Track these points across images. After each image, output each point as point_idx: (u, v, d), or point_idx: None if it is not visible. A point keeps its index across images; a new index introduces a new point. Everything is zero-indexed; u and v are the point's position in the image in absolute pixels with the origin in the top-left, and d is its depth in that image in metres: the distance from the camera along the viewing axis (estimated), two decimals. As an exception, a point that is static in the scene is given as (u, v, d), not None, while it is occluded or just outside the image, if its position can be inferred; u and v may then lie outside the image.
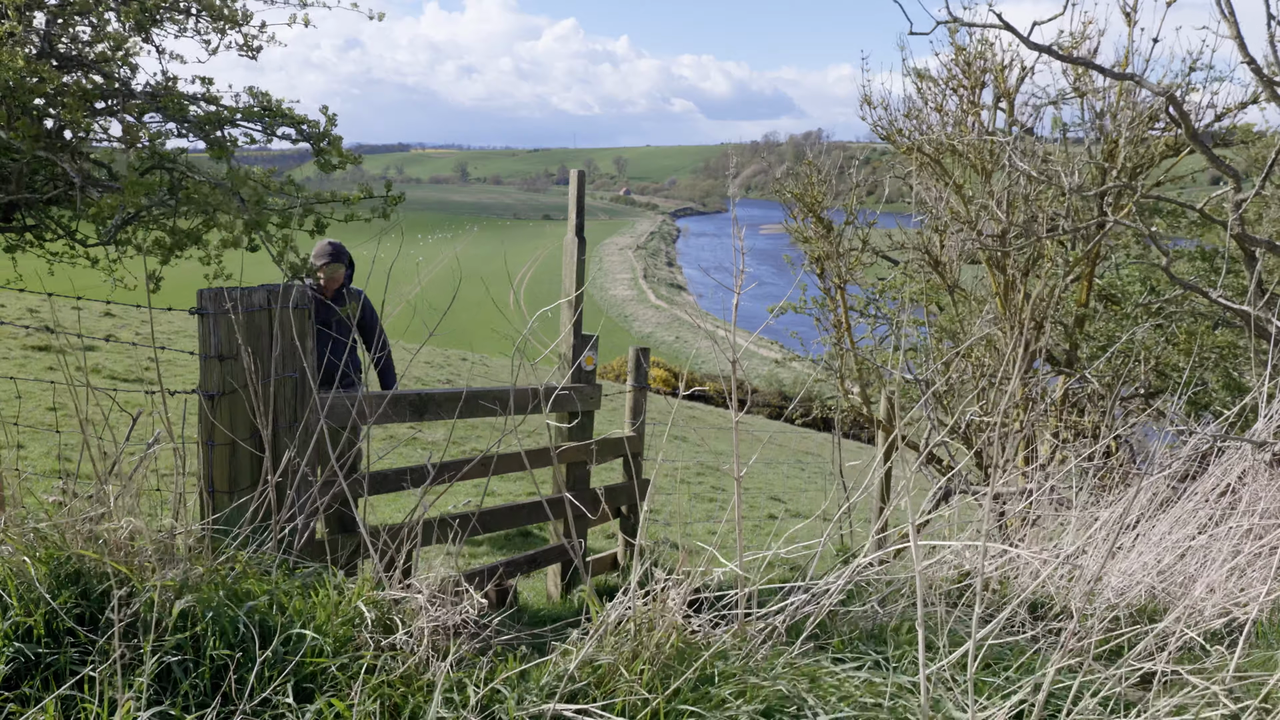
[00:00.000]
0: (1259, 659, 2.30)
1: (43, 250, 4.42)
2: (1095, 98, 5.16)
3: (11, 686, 1.65)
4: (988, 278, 5.49)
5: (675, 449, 11.50)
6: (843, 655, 2.04)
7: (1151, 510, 3.21)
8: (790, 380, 27.25)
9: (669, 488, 8.48)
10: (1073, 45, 5.10)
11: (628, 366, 4.75)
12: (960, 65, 5.38)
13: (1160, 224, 6.03)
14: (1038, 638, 2.24)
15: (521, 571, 3.96)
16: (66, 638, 1.74)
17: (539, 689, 1.73)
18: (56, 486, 2.21)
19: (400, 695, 1.69)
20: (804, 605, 2.08)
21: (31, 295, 12.41)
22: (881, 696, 1.82)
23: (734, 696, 1.75)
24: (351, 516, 2.90)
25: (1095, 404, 5.10)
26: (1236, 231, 3.66)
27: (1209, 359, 5.34)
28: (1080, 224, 4.77)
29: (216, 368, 2.45)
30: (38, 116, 3.21)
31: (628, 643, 1.84)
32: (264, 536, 2.20)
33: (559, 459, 3.95)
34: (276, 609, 1.87)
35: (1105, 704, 1.90)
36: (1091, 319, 5.60)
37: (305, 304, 2.62)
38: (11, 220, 3.99)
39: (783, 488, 9.86)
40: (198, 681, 1.69)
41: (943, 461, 5.89)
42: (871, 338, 6.73)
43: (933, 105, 5.56)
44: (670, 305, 57.48)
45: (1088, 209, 4.90)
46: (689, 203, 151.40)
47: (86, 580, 1.84)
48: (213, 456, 2.49)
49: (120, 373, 8.57)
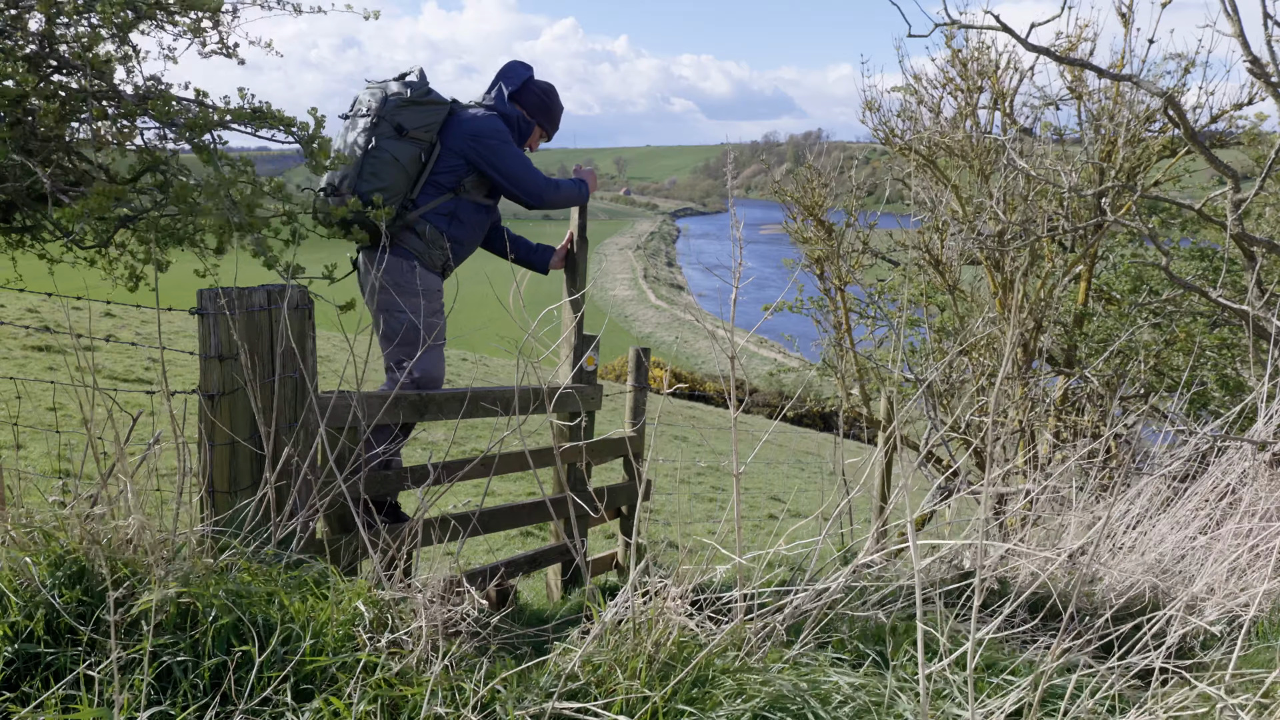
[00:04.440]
0: (1259, 657, 2.30)
1: (43, 250, 4.43)
2: (1090, 99, 5.18)
3: (12, 686, 1.65)
4: (987, 278, 5.49)
5: (675, 449, 11.51)
6: (843, 654, 2.05)
7: (1153, 510, 3.22)
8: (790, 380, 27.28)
9: (669, 488, 8.49)
10: (1069, 48, 5.11)
11: (628, 366, 4.75)
12: (956, 68, 5.39)
13: (1155, 221, 6.03)
14: (1038, 636, 2.25)
15: (521, 571, 3.96)
16: (67, 637, 1.74)
17: (539, 688, 1.73)
18: (57, 486, 2.21)
19: (399, 694, 1.69)
20: (804, 604, 2.08)
21: (31, 295, 12.43)
22: (881, 695, 1.83)
23: (733, 696, 1.76)
24: (352, 517, 2.91)
25: (1095, 404, 5.11)
26: (1236, 231, 3.66)
27: (1209, 359, 5.35)
28: (1078, 224, 4.78)
29: (216, 368, 2.46)
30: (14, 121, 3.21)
31: (627, 642, 1.85)
32: (264, 536, 2.21)
33: (560, 459, 3.95)
34: (277, 608, 1.87)
35: (1104, 701, 1.91)
36: (1090, 319, 5.61)
37: (305, 304, 2.63)
38: (11, 220, 3.99)
39: (783, 487, 9.87)
40: (197, 681, 1.70)
41: (942, 461, 5.90)
42: (871, 339, 6.74)
43: (929, 107, 5.57)
44: (670, 305, 57.52)
45: (1085, 209, 4.91)
46: (689, 203, 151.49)
47: (88, 579, 1.84)
48: (213, 456, 2.49)
49: (120, 373, 8.58)
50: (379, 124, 3.54)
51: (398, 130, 3.55)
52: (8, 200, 3.50)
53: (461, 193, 3.71)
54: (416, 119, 3.60)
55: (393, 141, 3.54)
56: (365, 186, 3.50)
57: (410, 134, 3.57)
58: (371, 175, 3.51)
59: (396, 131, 3.55)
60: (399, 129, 3.55)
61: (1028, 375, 5.08)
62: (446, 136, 3.67)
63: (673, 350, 42.80)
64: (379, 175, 3.52)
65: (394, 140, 3.54)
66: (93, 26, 3.35)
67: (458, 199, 3.71)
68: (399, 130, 3.55)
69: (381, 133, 3.53)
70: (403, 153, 3.56)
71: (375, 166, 3.52)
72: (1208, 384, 5.29)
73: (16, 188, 3.27)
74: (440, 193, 3.67)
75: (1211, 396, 5.33)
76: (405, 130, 3.56)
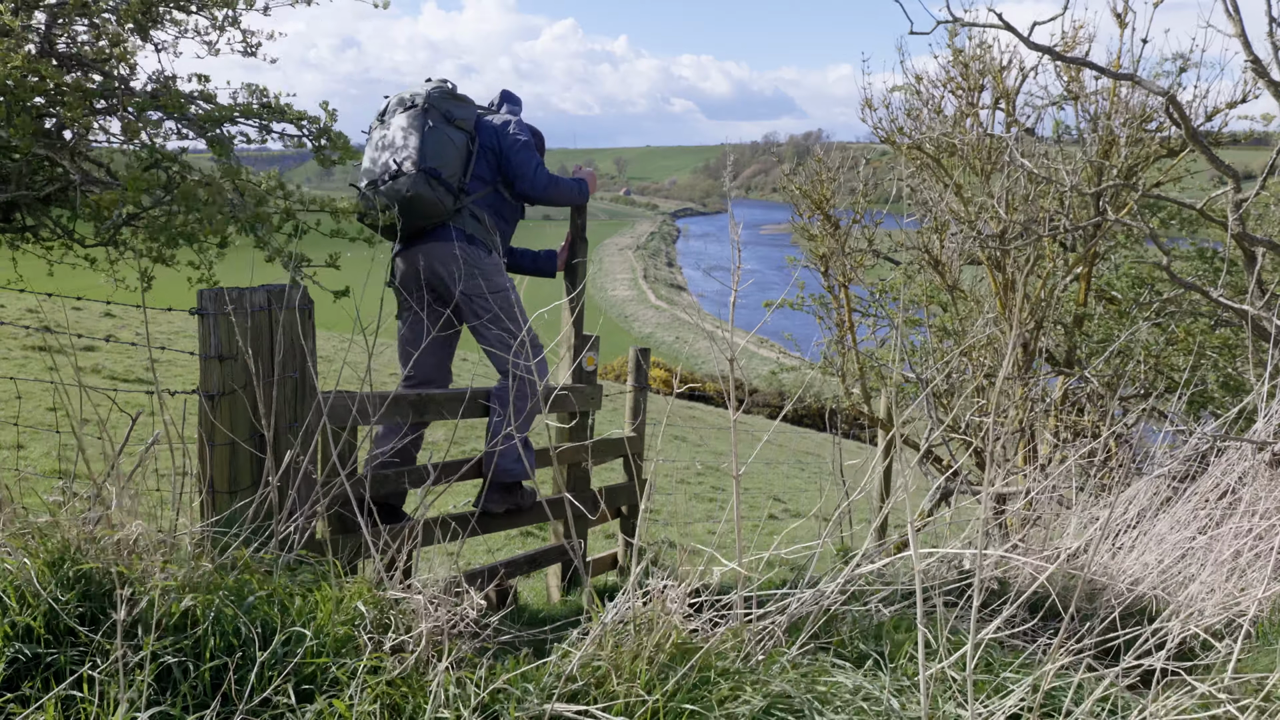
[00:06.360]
0: (1259, 659, 2.30)
1: (42, 250, 4.43)
2: (1088, 100, 5.18)
3: (12, 687, 1.65)
4: (987, 278, 5.49)
5: (675, 449, 11.51)
6: (842, 655, 2.04)
7: (1153, 510, 3.22)
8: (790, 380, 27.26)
9: (669, 488, 8.48)
10: (1067, 48, 5.11)
11: (628, 367, 4.75)
12: (959, 67, 5.38)
13: (1155, 222, 6.03)
14: (1037, 637, 2.25)
15: (521, 572, 3.96)
16: (67, 637, 1.74)
17: (539, 689, 1.73)
18: (57, 486, 2.21)
19: (400, 695, 1.69)
20: (803, 605, 2.08)
21: (31, 295, 12.42)
22: (880, 696, 1.82)
23: (733, 697, 1.76)
24: (352, 517, 2.90)
25: (1094, 404, 5.10)
26: (1236, 231, 3.66)
27: (1208, 359, 5.34)
28: (1079, 223, 4.78)
29: (216, 368, 2.46)
30: (37, 115, 3.21)
31: (627, 644, 1.85)
32: (265, 536, 2.20)
33: (559, 459, 3.95)
34: (277, 609, 1.87)
35: (1104, 703, 1.90)
36: (1090, 319, 5.61)
37: (305, 304, 2.63)
38: (11, 220, 4.00)
39: (783, 488, 9.86)
40: (197, 681, 1.70)
41: (942, 461, 5.90)
42: (873, 338, 6.73)
43: (931, 107, 5.56)
44: (670, 305, 57.49)
45: (1085, 208, 4.91)
46: (689, 203, 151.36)
47: (88, 580, 1.84)
48: (213, 456, 2.49)
49: (120, 373, 8.58)
50: (430, 110, 3.59)
51: (446, 117, 3.61)
52: (9, 200, 3.51)
53: (499, 186, 3.79)
54: (460, 110, 3.67)
55: (446, 126, 3.59)
56: (430, 163, 3.52)
57: (457, 122, 3.63)
58: (435, 154, 3.54)
59: (445, 119, 3.60)
60: (448, 116, 3.61)
61: (1028, 375, 5.08)
62: (479, 134, 3.75)
63: (673, 350, 42.78)
64: (441, 155, 3.55)
65: (447, 125, 3.60)
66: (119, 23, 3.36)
67: (496, 192, 3.79)
68: (448, 117, 3.61)
69: (433, 117, 3.58)
70: (456, 137, 3.62)
71: (436, 146, 3.55)
72: (1208, 384, 5.29)
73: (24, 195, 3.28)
74: (482, 185, 3.74)
75: (1211, 397, 5.32)
76: (454, 118, 3.62)
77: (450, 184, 3.56)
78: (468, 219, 3.65)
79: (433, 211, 3.55)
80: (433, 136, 3.54)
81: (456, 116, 3.63)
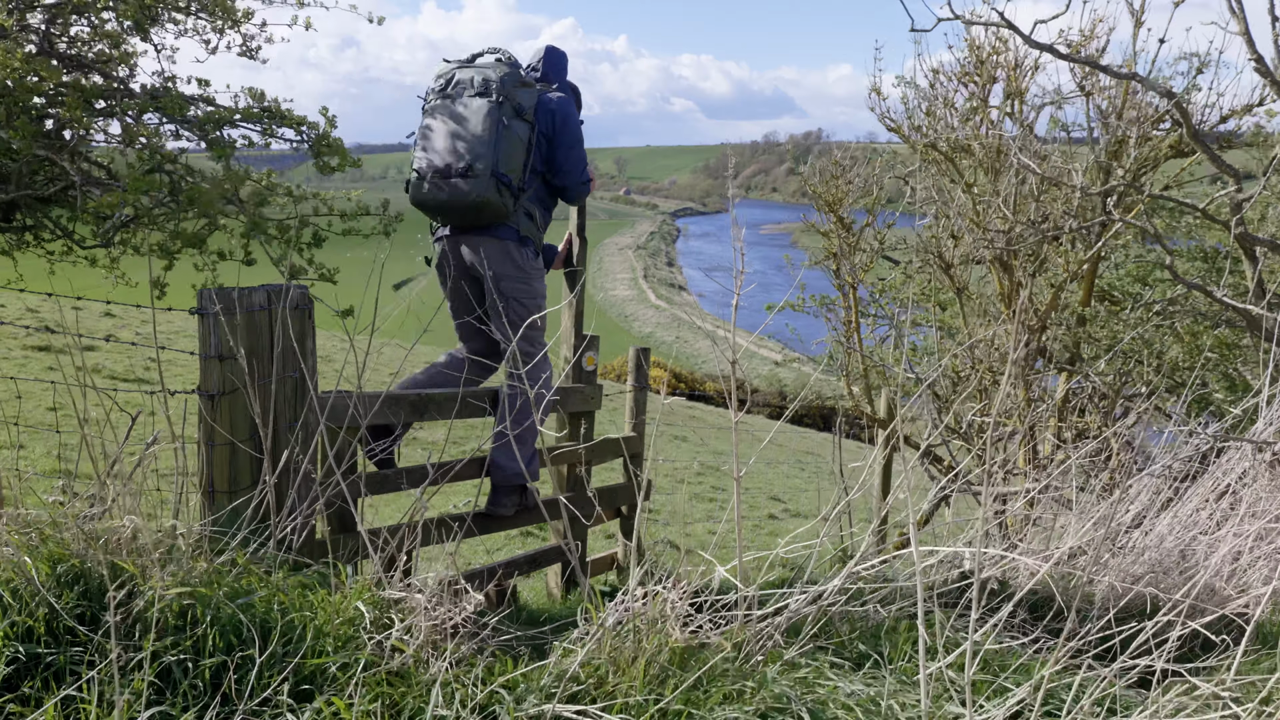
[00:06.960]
0: (1261, 662, 2.30)
1: (42, 251, 4.43)
2: (1100, 96, 5.14)
3: (12, 687, 1.65)
4: (992, 279, 5.48)
5: (675, 449, 11.51)
6: (842, 655, 2.04)
7: (1153, 510, 3.21)
8: (791, 380, 27.26)
9: (669, 488, 8.48)
10: (1081, 43, 5.08)
11: (628, 366, 4.75)
12: (973, 62, 5.34)
13: (1160, 223, 6.02)
14: (1037, 637, 2.24)
15: (521, 571, 3.96)
16: (67, 637, 1.74)
17: (539, 689, 1.73)
18: (57, 486, 2.21)
19: (399, 695, 1.69)
20: (803, 606, 2.08)
21: (31, 295, 12.44)
22: (880, 696, 1.82)
23: (732, 697, 1.75)
24: (352, 516, 2.90)
25: (1097, 404, 5.10)
26: (1239, 231, 3.66)
27: (1210, 359, 5.34)
28: (1086, 223, 4.77)
29: (216, 368, 2.46)
30: (37, 116, 3.21)
31: (626, 643, 1.84)
32: (264, 536, 2.20)
33: (559, 459, 3.95)
34: (277, 608, 1.87)
35: (1104, 704, 1.90)
36: (1093, 320, 5.60)
37: (305, 304, 2.63)
38: (11, 220, 4.00)
39: (783, 488, 9.86)
40: (197, 681, 1.69)
41: (943, 461, 5.90)
42: (874, 337, 6.73)
43: (944, 101, 5.52)
44: (670, 305, 57.50)
45: (1092, 209, 4.89)
46: (689, 203, 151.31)
47: (88, 580, 1.84)
48: (212, 456, 2.49)
49: (120, 373, 8.58)
50: (504, 104, 3.43)
51: (517, 110, 3.46)
52: (9, 201, 3.51)
53: (548, 176, 3.67)
54: (528, 99, 3.51)
55: (517, 122, 3.45)
56: (503, 168, 3.39)
57: (524, 115, 3.49)
58: (506, 158, 3.41)
59: (516, 112, 3.46)
60: (518, 109, 3.46)
61: (1029, 375, 5.07)
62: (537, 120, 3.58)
63: (673, 350, 42.78)
64: (511, 158, 3.42)
65: (516, 120, 3.45)
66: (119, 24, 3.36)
67: (544, 183, 3.67)
68: (518, 110, 3.46)
69: (506, 113, 3.43)
70: (522, 132, 3.47)
71: (509, 149, 3.42)
72: (1209, 384, 5.28)
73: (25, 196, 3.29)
74: (535, 177, 3.62)
75: (1214, 398, 5.32)
76: (523, 111, 3.48)
77: (514, 186, 3.46)
78: (522, 218, 3.56)
79: (494, 216, 3.47)
80: (506, 138, 3.41)
81: (525, 108, 3.48)
